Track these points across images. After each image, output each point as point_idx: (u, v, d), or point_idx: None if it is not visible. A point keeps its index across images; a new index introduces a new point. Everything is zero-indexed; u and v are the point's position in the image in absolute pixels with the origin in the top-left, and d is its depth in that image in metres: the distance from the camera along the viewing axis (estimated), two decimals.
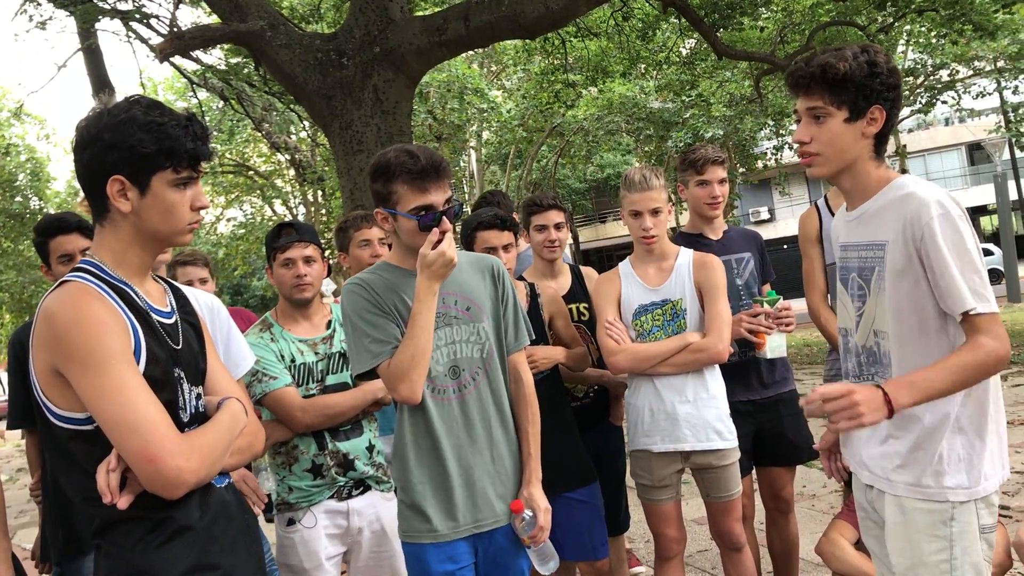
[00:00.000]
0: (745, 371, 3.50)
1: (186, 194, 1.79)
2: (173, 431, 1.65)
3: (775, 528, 3.69)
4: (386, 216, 2.42)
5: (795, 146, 2.28)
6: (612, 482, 3.52)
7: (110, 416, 1.61)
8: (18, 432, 3.48)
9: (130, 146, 1.70)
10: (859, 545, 3.21)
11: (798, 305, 3.56)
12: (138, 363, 1.69)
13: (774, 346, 3.36)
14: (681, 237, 3.64)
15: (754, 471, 3.63)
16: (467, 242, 3.33)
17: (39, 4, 11.08)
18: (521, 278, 3.57)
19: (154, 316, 1.79)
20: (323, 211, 23.53)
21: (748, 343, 3.42)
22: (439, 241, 2.34)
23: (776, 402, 3.55)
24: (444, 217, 2.36)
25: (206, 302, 2.78)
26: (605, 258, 38.96)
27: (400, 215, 2.38)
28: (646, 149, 22.98)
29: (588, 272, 3.76)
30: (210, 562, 1.75)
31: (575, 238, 32.64)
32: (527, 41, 12.91)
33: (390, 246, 2.64)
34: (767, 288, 3.58)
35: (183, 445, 1.64)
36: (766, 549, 3.83)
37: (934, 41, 17.13)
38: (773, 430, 3.54)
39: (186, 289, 2.82)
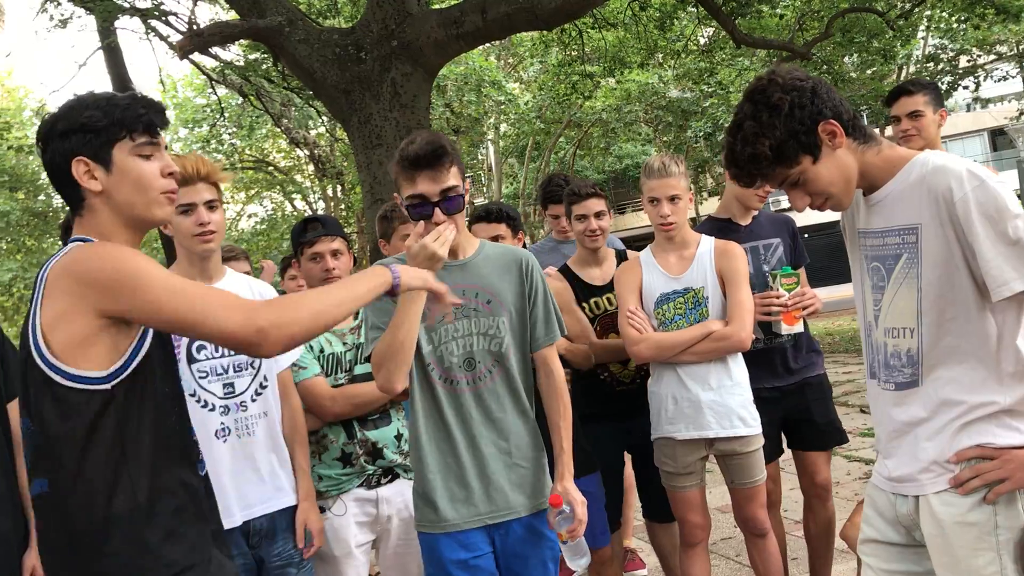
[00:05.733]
0: (770, 357, 3.49)
1: (152, 164, 1.81)
2: (241, 301, 1.69)
3: (811, 513, 3.69)
4: (400, 201, 2.44)
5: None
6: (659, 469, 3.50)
7: (191, 307, 1.63)
8: None
9: (81, 124, 1.75)
10: None
11: (826, 293, 3.56)
12: (146, 340, 1.75)
13: (788, 323, 3.37)
14: (710, 221, 3.65)
15: (781, 458, 3.63)
16: None
17: (59, 3, 11.19)
18: (566, 266, 3.60)
19: None
20: (343, 206, 23.60)
21: (774, 330, 3.43)
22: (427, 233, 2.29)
23: (802, 387, 3.54)
24: (437, 209, 2.32)
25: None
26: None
27: (403, 202, 2.40)
28: (665, 139, 22.90)
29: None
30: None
31: None
32: (544, 33, 12.88)
33: None
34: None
35: (259, 305, 1.68)
36: (791, 536, 3.84)
37: (955, 26, 16.95)
38: (800, 416, 3.54)
39: (241, 277, 2.90)
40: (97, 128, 1.75)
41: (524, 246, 3.59)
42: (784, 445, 3.66)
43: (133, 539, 1.71)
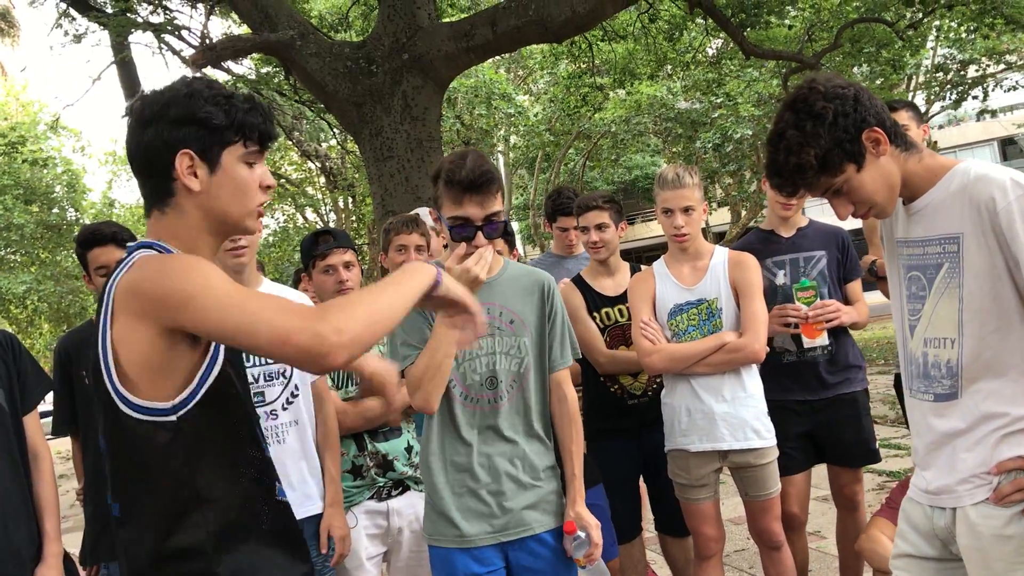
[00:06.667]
0: (802, 370, 3.47)
1: (255, 173, 1.71)
2: (300, 307, 1.49)
3: (840, 523, 3.70)
4: (438, 217, 2.45)
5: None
6: (670, 483, 3.50)
7: (232, 324, 1.47)
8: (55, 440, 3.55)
9: (199, 119, 1.62)
10: None
11: (871, 299, 3.54)
12: (215, 366, 1.62)
13: (808, 336, 3.37)
14: (756, 232, 3.65)
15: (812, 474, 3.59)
16: None
17: (74, 19, 11.30)
18: (579, 276, 3.61)
19: None
20: (354, 218, 23.68)
21: (803, 343, 3.41)
22: (468, 255, 2.31)
23: (835, 402, 3.49)
24: (480, 233, 2.33)
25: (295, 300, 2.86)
26: (634, 260, 38.64)
27: (444, 220, 2.41)
28: (674, 150, 22.90)
29: None
30: None
31: None
32: (554, 45, 12.92)
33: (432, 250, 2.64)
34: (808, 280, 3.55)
35: (316, 311, 1.48)
36: (812, 550, 3.82)
37: (964, 36, 16.91)
38: (828, 431, 3.51)
39: (278, 287, 2.93)
40: (214, 127, 1.63)
41: (519, 260, 3.60)
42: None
43: (204, 572, 1.60)
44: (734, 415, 3.12)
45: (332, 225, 25.46)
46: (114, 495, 1.66)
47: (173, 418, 1.57)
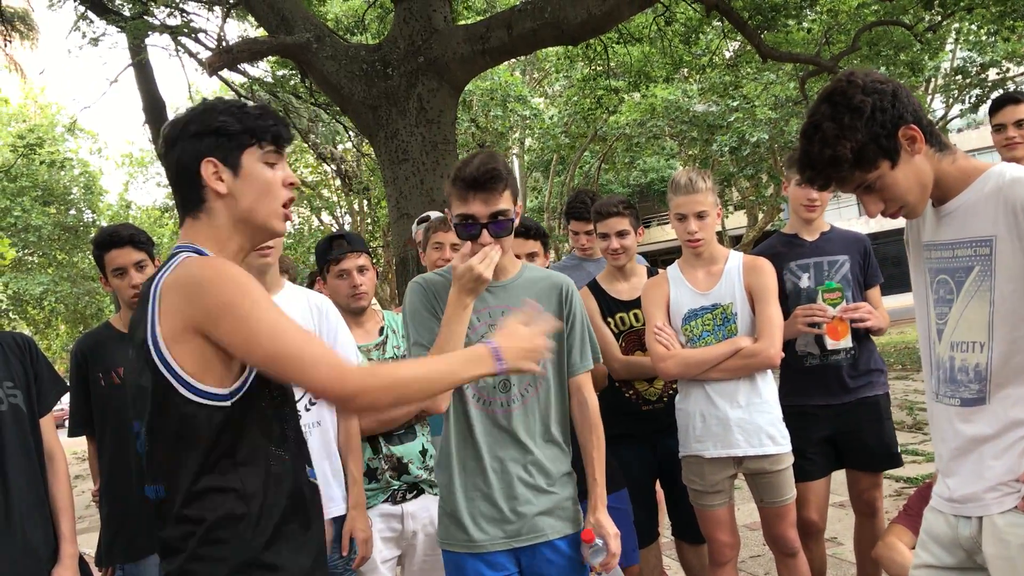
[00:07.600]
0: (824, 374, 3.45)
1: (276, 173, 1.84)
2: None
3: (859, 529, 3.67)
4: (450, 217, 2.45)
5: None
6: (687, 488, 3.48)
7: (285, 351, 1.63)
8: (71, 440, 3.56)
9: (215, 128, 1.78)
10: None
11: (890, 303, 3.51)
12: None
13: (832, 338, 3.35)
14: (777, 236, 3.64)
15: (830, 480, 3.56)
16: None
17: (91, 21, 11.40)
18: (594, 281, 3.59)
19: None
20: (369, 220, 23.75)
21: (827, 344, 3.38)
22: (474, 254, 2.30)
23: (857, 406, 3.47)
24: (485, 231, 2.33)
25: (315, 302, 2.90)
26: (649, 263, 38.58)
27: (452, 219, 2.41)
28: (690, 153, 22.83)
29: None
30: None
31: None
32: (569, 48, 12.91)
33: None
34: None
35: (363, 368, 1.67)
36: (829, 556, 3.78)
37: (984, 38, 16.79)
38: (850, 435, 3.49)
39: (299, 289, 2.94)
40: (229, 133, 1.79)
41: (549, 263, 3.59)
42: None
43: (243, 546, 1.71)
44: (749, 421, 3.09)
45: (347, 228, 25.56)
46: (155, 479, 1.76)
47: (228, 403, 1.71)
